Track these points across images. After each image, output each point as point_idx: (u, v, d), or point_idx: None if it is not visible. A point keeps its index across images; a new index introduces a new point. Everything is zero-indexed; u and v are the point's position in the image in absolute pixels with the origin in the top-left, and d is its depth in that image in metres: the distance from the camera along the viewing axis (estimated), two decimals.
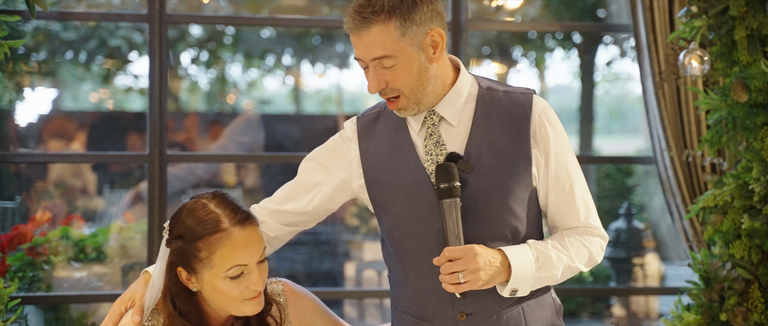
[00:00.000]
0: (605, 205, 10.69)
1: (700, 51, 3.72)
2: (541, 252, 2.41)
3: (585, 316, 8.12)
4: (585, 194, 2.51)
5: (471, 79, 2.52)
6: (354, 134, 2.57)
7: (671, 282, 7.76)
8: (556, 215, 2.51)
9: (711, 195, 3.82)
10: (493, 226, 2.42)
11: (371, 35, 2.33)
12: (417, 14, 2.34)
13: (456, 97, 2.47)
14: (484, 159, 2.42)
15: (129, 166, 7.56)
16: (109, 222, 6.48)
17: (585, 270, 2.50)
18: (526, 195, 2.46)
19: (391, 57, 2.33)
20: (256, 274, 2.33)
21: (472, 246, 2.31)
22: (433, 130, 2.47)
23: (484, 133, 2.45)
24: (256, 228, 2.36)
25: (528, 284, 2.39)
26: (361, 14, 2.32)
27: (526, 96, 2.49)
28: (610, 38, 9.90)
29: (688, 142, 4.22)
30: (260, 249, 2.34)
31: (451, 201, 2.33)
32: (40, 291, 4.77)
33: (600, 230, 2.53)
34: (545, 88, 14.05)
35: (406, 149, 2.48)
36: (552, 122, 2.48)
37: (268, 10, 10.04)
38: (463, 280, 2.29)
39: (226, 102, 12.64)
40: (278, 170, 7.40)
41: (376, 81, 2.36)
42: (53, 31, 8.67)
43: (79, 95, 11.73)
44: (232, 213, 2.33)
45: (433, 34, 2.37)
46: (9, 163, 5.91)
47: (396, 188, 2.47)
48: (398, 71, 2.35)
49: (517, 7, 8.69)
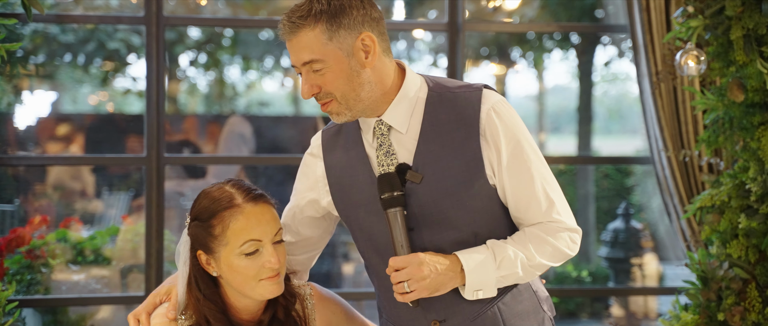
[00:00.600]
0: (604, 205, 10.70)
1: (696, 51, 3.73)
2: (497, 251, 2.36)
3: (584, 316, 8.12)
4: (547, 187, 2.42)
5: (420, 82, 2.46)
6: (319, 150, 2.56)
7: (670, 282, 7.76)
8: (517, 211, 2.43)
9: (708, 195, 3.82)
10: (451, 232, 2.39)
11: (300, 40, 2.34)
12: (345, 18, 2.33)
13: (402, 102, 2.42)
14: (435, 166, 2.38)
15: (127, 169, 7.56)
16: (108, 224, 6.49)
17: (555, 265, 2.44)
18: (483, 196, 2.40)
19: (319, 61, 2.33)
20: (271, 251, 2.36)
21: (417, 255, 2.30)
22: (382, 140, 2.43)
23: (433, 139, 2.39)
24: (271, 207, 2.40)
25: (491, 285, 2.36)
26: (290, 19, 2.34)
27: (474, 93, 2.42)
28: (608, 38, 9.91)
29: (685, 142, 4.22)
30: (275, 228, 2.38)
31: (394, 210, 2.32)
32: (39, 294, 4.77)
33: (566, 223, 2.43)
34: (544, 88, 14.07)
35: (362, 162, 2.46)
36: (503, 117, 2.40)
37: (267, 11, 10.04)
38: (408, 290, 2.29)
39: (224, 104, 12.64)
40: (276, 171, 7.41)
41: (307, 85, 2.36)
42: (51, 33, 8.68)
43: (78, 98, 11.73)
44: (245, 191, 2.40)
45: (364, 38, 2.34)
46: (7, 165, 5.91)
47: (356, 203, 2.46)
48: (327, 76, 2.34)
49: (515, 7, 8.69)
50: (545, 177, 2.43)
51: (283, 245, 2.41)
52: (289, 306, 2.49)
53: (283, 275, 2.41)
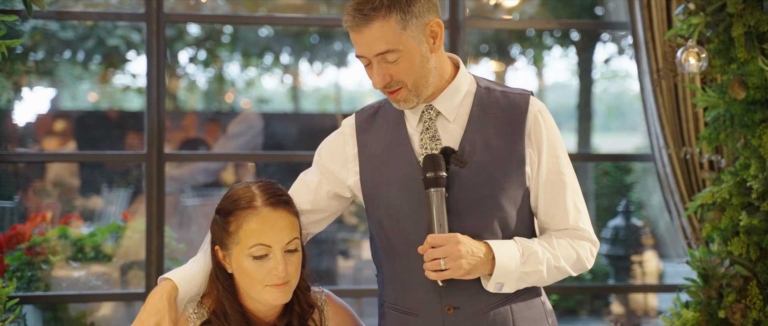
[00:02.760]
0: (604, 203, 10.70)
1: (697, 48, 3.72)
2: (526, 247, 2.42)
3: (584, 314, 8.12)
4: (576, 197, 2.53)
5: (470, 78, 2.55)
6: (352, 129, 2.59)
7: (670, 280, 7.76)
8: (545, 215, 2.52)
9: (709, 193, 3.82)
10: (482, 221, 2.43)
11: (373, 31, 2.35)
12: (415, 6, 2.37)
13: (454, 93, 2.49)
14: (478, 155, 2.44)
15: (127, 165, 7.56)
16: (108, 221, 6.48)
17: (573, 274, 2.51)
18: (519, 194, 2.47)
19: (394, 51, 2.36)
20: (280, 260, 2.35)
21: (455, 235, 2.34)
22: (429, 124, 2.49)
23: (479, 129, 2.47)
24: (290, 215, 2.39)
25: (513, 279, 2.41)
26: (361, 11, 2.34)
27: (523, 96, 2.51)
28: (608, 36, 9.90)
29: (686, 139, 4.22)
30: (288, 236, 2.37)
31: (436, 190, 2.35)
32: (39, 290, 4.76)
33: (590, 234, 2.54)
34: (543, 85, 14.05)
35: (402, 142, 2.50)
36: (547, 123, 2.50)
37: (266, 8, 10.04)
38: (444, 267, 2.32)
39: (224, 101, 12.63)
40: (277, 169, 7.41)
41: (380, 76, 2.38)
42: (51, 30, 8.68)
43: (77, 94, 11.73)
44: (268, 195, 2.39)
45: (432, 25, 2.40)
46: (7, 162, 5.90)
47: (389, 180, 2.49)
48: (401, 64, 2.38)
49: (515, 5, 8.69)
50: (575, 187, 2.53)
51: (297, 255, 2.40)
52: (306, 315, 2.50)
53: (292, 284, 2.40)
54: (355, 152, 2.56)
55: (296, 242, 2.39)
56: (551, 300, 7.87)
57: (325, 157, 2.62)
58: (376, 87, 2.41)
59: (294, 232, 2.39)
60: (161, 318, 2.33)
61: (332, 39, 11.40)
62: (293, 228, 2.39)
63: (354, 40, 2.39)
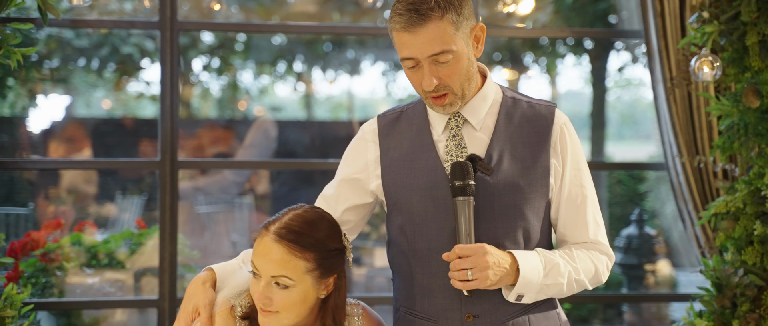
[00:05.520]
0: (617, 211, 10.66)
1: (711, 57, 3.72)
2: (548, 260, 2.42)
3: (597, 323, 8.09)
4: (596, 211, 2.53)
5: (496, 87, 2.55)
6: (374, 134, 2.58)
7: (683, 289, 7.72)
8: (565, 228, 2.53)
9: (723, 202, 3.80)
10: (506, 230, 2.43)
11: (428, 31, 2.32)
12: (465, 8, 2.37)
13: (481, 102, 2.50)
14: (504, 163, 2.45)
15: (141, 173, 7.58)
16: (122, 228, 6.50)
17: (590, 287, 2.50)
18: (542, 204, 2.48)
19: (448, 52, 2.34)
20: (262, 286, 2.33)
21: (483, 245, 2.33)
22: (456, 131, 2.49)
23: (505, 138, 2.47)
24: (287, 251, 2.31)
25: (534, 290, 2.40)
26: (417, 11, 2.32)
27: (548, 108, 2.52)
28: (622, 44, 9.88)
29: (700, 148, 4.21)
30: (275, 270, 2.30)
31: (464, 199, 2.34)
32: (53, 297, 4.78)
33: (607, 248, 2.54)
34: (557, 94, 14.02)
35: (427, 149, 2.50)
36: (572, 136, 2.52)
37: (279, 16, 10.06)
38: (471, 278, 2.31)
39: (237, 108, 12.65)
40: (289, 176, 7.42)
41: (430, 78, 2.36)
42: (66, 38, 8.71)
43: (92, 102, 11.77)
44: (282, 225, 2.34)
45: (477, 29, 2.41)
46: (22, 169, 5.93)
47: (413, 186, 2.48)
48: (452, 66, 2.37)
49: (528, 13, 8.67)
50: (595, 201, 2.54)
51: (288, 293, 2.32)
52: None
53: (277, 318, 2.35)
54: (377, 156, 2.56)
55: (285, 280, 2.31)
56: (564, 309, 7.85)
57: (344, 166, 2.62)
58: (427, 89, 2.37)
59: (285, 270, 2.30)
60: (198, 300, 2.41)
61: (345, 47, 11.41)
62: (287, 266, 2.30)
63: (404, 41, 2.35)
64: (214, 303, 2.42)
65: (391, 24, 2.37)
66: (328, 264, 2.37)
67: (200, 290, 2.43)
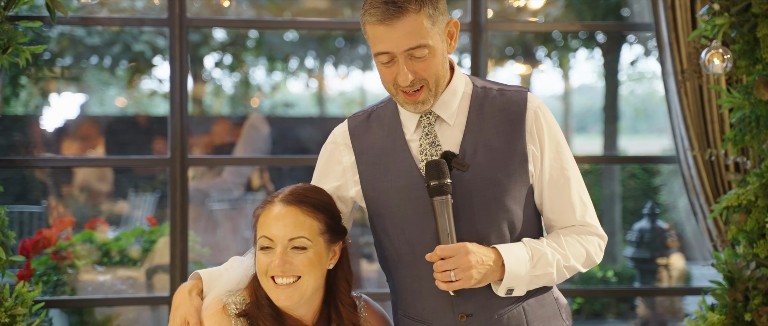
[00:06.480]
0: (630, 205, 10.63)
1: (721, 49, 3.70)
2: (535, 250, 2.39)
3: (610, 317, 8.07)
4: (582, 192, 2.49)
5: (465, 79, 2.51)
6: (346, 138, 2.54)
7: (696, 283, 7.70)
8: (551, 212, 2.48)
9: (734, 195, 3.79)
10: (489, 223, 2.40)
11: (405, 25, 2.30)
12: (441, 4, 2.35)
13: (452, 96, 2.45)
14: (480, 157, 2.41)
15: (153, 170, 7.60)
16: (133, 226, 6.53)
17: (583, 270, 2.47)
18: (523, 193, 2.44)
19: (424, 46, 2.32)
20: (279, 253, 2.34)
21: (464, 244, 2.31)
22: (429, 129, 2.45)
23: (478, 131, 2.43)
24: (301, 212, 2.36)
25: (523, 283, 2.38)
26: (394, 3, 2.29)
27: (520, 93, 2.47)
28: (634, 37, 9.84)
29: (712, 141, 4.18)
30: (292, 233, 2.34)
31: (442, 198, 2.31)
32: (65, 294, 4.80)
33: (597, 228, 2.50)
34: (569, 88, 13.99)
35: (400, 150, 2.46)
36: (547, 119, 2.46)
37: (291, 13, 10.06)
38: (454, 279, 2.29)
39: (250, 105, 12.67)
40: (302, 173, 7.42)
41: (406, 73, 2.32)
42: (78, 36, 8.74)
43: (105, 100, 11.81)
44: (288, 192, 2.40)
45: (451, 25, 2.39)
46: (34, 167, 5.95)
47: (390, 190, 2.45)
48: (428, 61, 2.34)
49: (539, 7, 8.64)
50: (580, 181, 2.49)
51: (306, 254, 2.36)
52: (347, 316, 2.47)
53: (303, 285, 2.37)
54: (352, 160, 2.52)
55: (302, 240, 2.35)
56: (576, 303, 7.84)
57: (319, 172, 2.58)
58: (403, 84, 2.34)
59: (302, 231, 2.35)
60: (184, 309, 2.41)
61: (357, 43, 11.40)
62: (302, 226, 2.35)
63: (379, 34, 2.32)
64: (202, 308, 2.42)
65: (366, 17, 2.34)
66: (336, 228, 2.42)
67: (186, 299, 2.42)
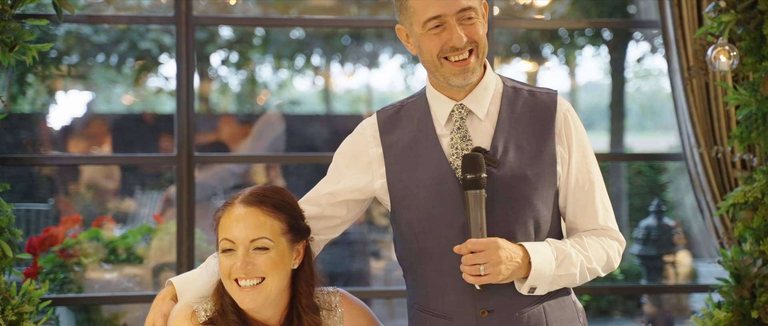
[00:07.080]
0: (637, 202, 10.62)
1: (728, 46, 3.69)
2: (560, 250, 2.41)
3: (617, 314, 8.07)
4: (604, 197, 2.52)
5: (496, 77, 2.54)
6: (374, 130, 2.56)
7: (703, 280, 7.69)
8: (575, 215, 2.51)
9: (741, 192, 3.78)
10: (516, 221, 2.42)
11: None
12: None
13: (483, 92, 2.48)
14: (510, 154, 2.43)
15: (160, 168, 7.62)
16: (140, 223, 6.53)
17: (602, 274, 2.50)
18: (551, 193, 2.46)
19: (473, 9, 2.39)
20: (241, 256, 2.34)
21: (495, 239, 2.32)
22: (460, 123, 2.47)
23: (510, 128, 2.46)
24: (261, 213, 2.37)
25: (546, 282, 2.40)
26: None
27: (550, 95, 2.51)
28: (641, 34, 9.82)
29: (718, 138, 4.18)
30: (253, 234, 2.35)
31: (476, 192, 2.33)
32: (72, 292, 4.81)
33: (618, 234, 2.53)
34: (576, 85, 13.97)
35: (431, 143, 2.48)
36: (576, 122, 2.50)
37: (297, 10, 10.06)
38: (483, 273, 2.30)
39: (256, 103, 12.68)
40: (308, 170, 7.42)
41: (460, 34, 2.37)
42: (84, 34, 8.76)
43: (112, 98, 11.83)
44: (247, 194, 2.41)
45: (484, 5, 2.45)
46: (41, 165, 5.96)
47: (419, 183, 2.46)
48: (477, 25, 2.40)
49: (545, 4, 8.64)
50: (603, 186, 2.53)
51: (268, 254, 2.36)
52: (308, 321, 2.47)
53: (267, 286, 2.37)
54: (380, 153, 2.53)
55: (264, 241, 2.35)
56: (583, 300, 7.83)
57: (342, 163, 2.58)
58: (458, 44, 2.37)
59: (263, 231, 2.35)
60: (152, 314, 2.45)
61: (363, 40, 11.40)
62: (263, 227, 2.36)
63: None
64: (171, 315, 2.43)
65: None
66: (298, 227, 2.43)
67: (157, 305, 2.47)
